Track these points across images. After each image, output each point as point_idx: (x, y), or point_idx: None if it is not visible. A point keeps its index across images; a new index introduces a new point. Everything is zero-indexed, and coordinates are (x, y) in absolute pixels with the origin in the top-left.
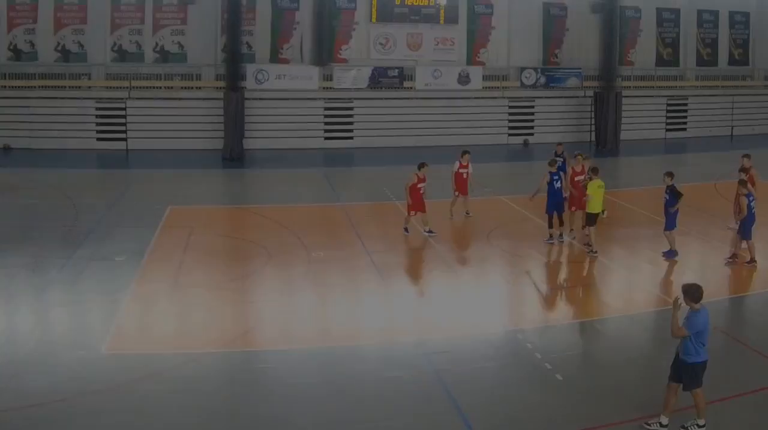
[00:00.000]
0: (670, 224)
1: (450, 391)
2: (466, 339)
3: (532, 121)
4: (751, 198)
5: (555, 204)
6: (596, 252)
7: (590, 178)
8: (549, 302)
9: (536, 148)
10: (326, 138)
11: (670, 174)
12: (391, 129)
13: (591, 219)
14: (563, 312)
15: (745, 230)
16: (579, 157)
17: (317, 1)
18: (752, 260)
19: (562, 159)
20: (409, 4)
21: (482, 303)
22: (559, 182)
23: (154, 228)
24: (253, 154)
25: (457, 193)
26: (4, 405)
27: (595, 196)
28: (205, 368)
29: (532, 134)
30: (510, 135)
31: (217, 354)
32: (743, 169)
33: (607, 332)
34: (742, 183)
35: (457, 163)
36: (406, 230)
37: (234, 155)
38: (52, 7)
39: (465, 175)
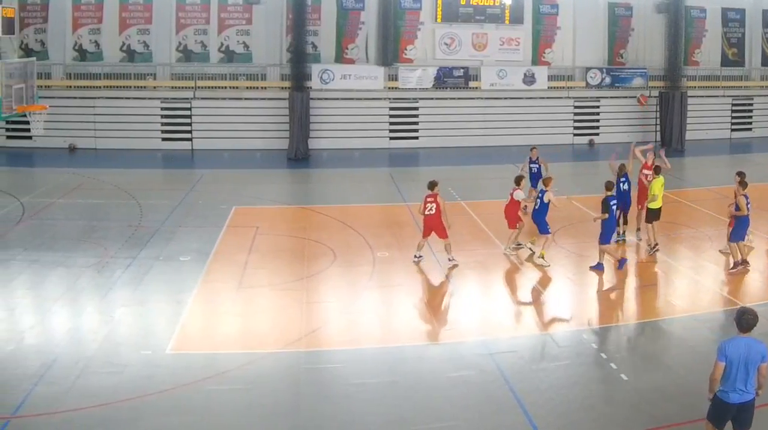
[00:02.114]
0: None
1: (515, 390)
2: (530, 339)
3: (598, 121)
4: (747, 199)
5: (621, 204)
6: (657, 245)
7: (654, 176)
8: (613, 301)
9: (601, 148)
10: (391, 138)
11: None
12: (456, 129)
13: (652, 215)
14: (628, 312)
15: (738, 232)
16: (650, 152)
17: (382, 1)
18: (744, 262)
19: (537, 165)
20: (474, 4)
21: (547, 303)
22: (626, 184)
23: (219, 228)
24: (318, 154)
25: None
26: (71, 405)
27: (658, 193)
28: (269, 367)
29: (597, 134)
30: (575, 135)
31: (282, 354)
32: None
33: (672, 332)
34: (742, 184)
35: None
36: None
37: (299, 155)
38: (117, 7)
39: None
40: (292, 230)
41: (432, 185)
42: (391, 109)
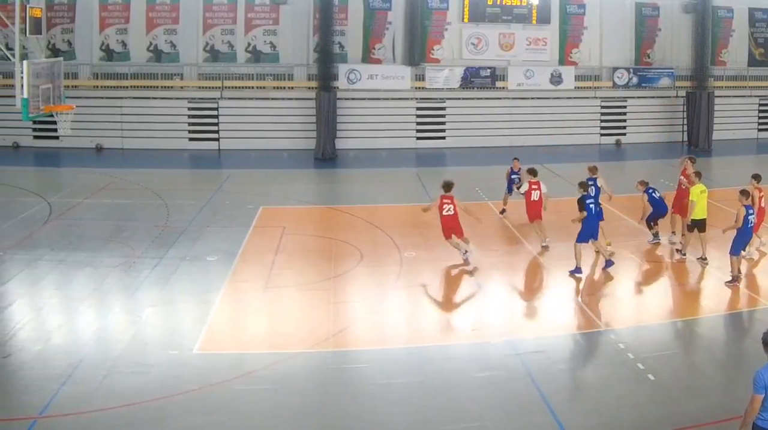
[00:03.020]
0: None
1: (542, 391)
2: (558, 339)
3: (625, 121)
4: (750, 211)
5: (656, 210)
6: (685, 254)
7: (692, 183)
8: (641, 301)
9: (629, 148)
10: (418, 138)
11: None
12: (482, 129)
13: (693, 225)
14: (656, 312)
15: (735, 245)
16: (688, 160)
17: (409, 1)
18: (734, 279)
19: (518, 176)
20: (501, 3)
21: (575, 303)
22: (656, 193)
23: (246, 228)
24: (345, 154)
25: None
26: (98, 405)
27: (699, 201)
28: (296, 367)
29: (624, 134)
30: (602, 135)
31: (308, 354)
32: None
33: (700, 332)
34: (743, 193)
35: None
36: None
37: (326, 155)
38: (144, 7)
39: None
40: (319, 230)
41: (448, 186)
42: (418, 109)
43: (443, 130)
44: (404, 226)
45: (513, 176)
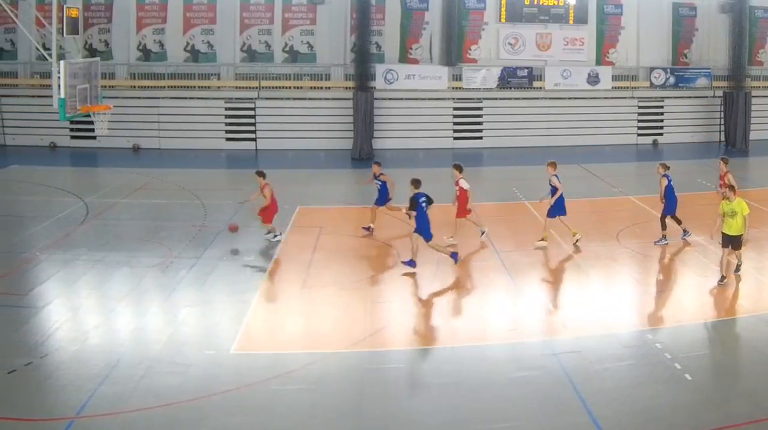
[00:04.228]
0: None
1: (579, 391)
2: (594, 339)
3: (662, 121)
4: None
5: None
6: (724, 278)
7: (725, 197)
8: (678, 301)
9: (666, 148)
10: (455, 138)
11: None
12: (519, 129)
13: (727, 241)
14: (692, 312)
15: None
16: (720, 161)
17: (446, 1)
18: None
19: (380, 182)
20: (538, 4)
21: (611, 303)
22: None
23: (284, 228)
24: (382, 154)
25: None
26: (135, 405)
27: (726, 212)
28: (333, 367)
29: (661, 134)
30: (639, 135)
31: (345, 354)
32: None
33: (737, 333)
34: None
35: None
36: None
37: (363, 155)
38: (181, 7)
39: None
40: (355, 230)
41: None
42: (455, 109)
43: (480, 131)
44: (440, 225)
45: (375, 181)
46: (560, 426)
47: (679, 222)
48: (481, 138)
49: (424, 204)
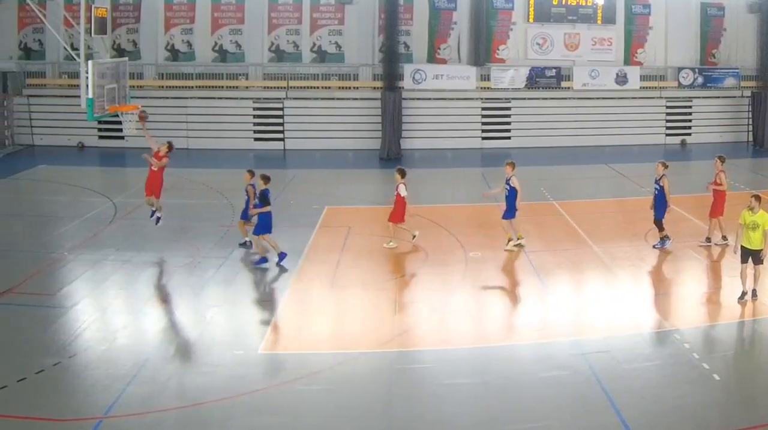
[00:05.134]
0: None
1: (607, 391)
2: (623, 339)
3: (690, 121)
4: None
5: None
6: (745, 295)
7: (750, 207)
8: (706, 301)
9: (694, 148)
10: (483, 138)
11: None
12: (548, 129)
13: (746, 255)
14: (720, 312)
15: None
16: (718, 160)
17: (474, 1)
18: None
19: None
20: (566, 3)
21: (639, 303)
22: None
23: (312, 228)
24: (411, 154)
25: None
26: (163, 405)
27: (751, 229)
28: (360, 368)
29: (689, 134)
30: (667, 135)
31: (373, 354)
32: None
33: (765, 333)
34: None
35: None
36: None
37: (391, 155)
38: (209, 7)
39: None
40: (384, 230)
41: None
42: (484, 109)
43: (508, 131)
44: (469, 226)
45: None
46: (589, 426)
47: (661, 228)
48: (509, 138)
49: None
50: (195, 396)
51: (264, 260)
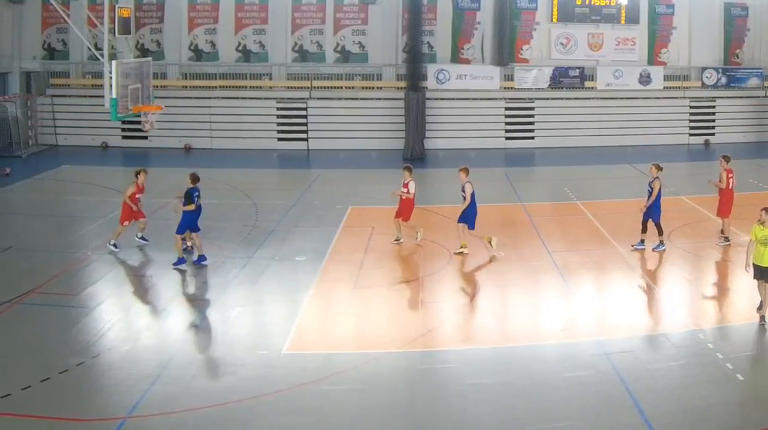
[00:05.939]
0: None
1: (631, 391)
2: (647, 339)
3: (713, 121)
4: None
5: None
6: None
7: (761, 221)
8: (731, 301)
9: (717, 148)
10: (507, 138)
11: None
12: (571, 129)
13: (758, 273)
14: (744, 312)
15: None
16: (722, 160)
17: (498, 1)
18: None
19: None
20: (589, 3)
21: (663, 303)
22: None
23: (335, 228)
24: (434, 154)
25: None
26: (186, 405)
27: (762, 244)
28: (385, 367)
29: (713, 134)
30: (691, 135)
31: (397, 354)
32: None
33: None
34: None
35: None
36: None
37: (415, 155)
38: (233, 7)
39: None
40: (407, 230)
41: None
42: (507, 109)
43: (532, 130)
44: (493, 225)
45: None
46: (612, 426)
47: (644, 231)
48: (533, 138)
49: (197, 199)
50: (218, 396)
51: (182, 260)
